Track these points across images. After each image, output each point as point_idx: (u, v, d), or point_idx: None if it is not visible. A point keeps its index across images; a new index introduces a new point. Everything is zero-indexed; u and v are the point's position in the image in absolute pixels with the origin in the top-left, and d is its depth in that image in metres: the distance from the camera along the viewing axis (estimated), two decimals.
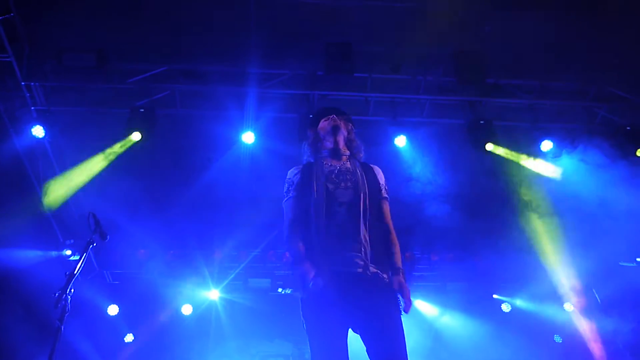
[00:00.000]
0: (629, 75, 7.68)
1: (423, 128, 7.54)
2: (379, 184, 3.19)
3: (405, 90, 7.50)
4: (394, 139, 7.39)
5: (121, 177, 8.05)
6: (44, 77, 6.89)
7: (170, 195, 8.30)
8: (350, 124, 3.37)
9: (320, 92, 7.32)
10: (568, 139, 7.78)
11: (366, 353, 2.78)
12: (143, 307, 9.70)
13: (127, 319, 9.78)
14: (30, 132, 6.88)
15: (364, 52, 6.98)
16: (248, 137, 7.26)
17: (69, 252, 8.29)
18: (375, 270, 2.90)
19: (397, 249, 3.08)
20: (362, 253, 2.89)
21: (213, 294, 10.19)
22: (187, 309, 10.11)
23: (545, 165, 7.96)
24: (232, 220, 9.26)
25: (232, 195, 8.49)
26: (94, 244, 3.36)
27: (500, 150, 7.67)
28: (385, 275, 2.94)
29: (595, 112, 7.91)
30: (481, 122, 7.48)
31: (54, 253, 8.22)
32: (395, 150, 7.54)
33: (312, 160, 3.27)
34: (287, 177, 3.23)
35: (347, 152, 3.26)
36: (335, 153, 3.21)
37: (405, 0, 6.63)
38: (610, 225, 7.87)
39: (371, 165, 3.29)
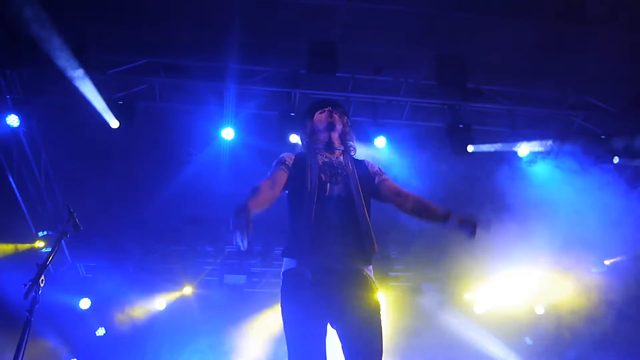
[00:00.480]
0: (605, 85, 7.84)
1: (403, 130, 7.60)
2: (371, 175, 3.21)
3: (387, 91, 7.54)
4: (373, 140, 7.43)
5: (98, 169, 7.96)
6: (20, 65, 6.75)
7: (147, 189, 8.22)
8: (346, 117, 3.39)
9: (302, 91, 7.32)
10: (544, 146, 7.91)
11: (341, 350, 2.77)
12: (116, 301, 9.59)
13: (100, 313, 9.66)
14: (5, 121, 6.73)
15: (347, 52, 6.99)
16: (228, 133, 7.22)
17: (41, 244, 8.14)
18: (358, 266, 2.90)
19: (424, 200, 3.07)
20: (349, 248, 2.89)
21: (187, 290, 10.13)
22: (160, 304, 10.03)
23: (521, 170, 8.10)
24: (209, 216, 9.22)
25: (210, 190, 8.44)
26: (67, 235, 3.31)
27: (481, 148, 7.78)
28: (367, 272, 2.92)
29: (572, 120, 8.06)
30: (460, 125, 7.56)
31: (27, 245, 8.07)
32: (375, 151, 7.58)
33: (305, 151, 3.30)
34: (280, 155, 3.22)
35: (341, 147, 3.28)
36: (330, 146, 3.24)
37: (390, 2, 6.67)
38: (581, 232, 8.10)
39: (362, 160, 3.31)
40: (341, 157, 3.22)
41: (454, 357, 10.82)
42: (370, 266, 2.96)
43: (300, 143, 3.50)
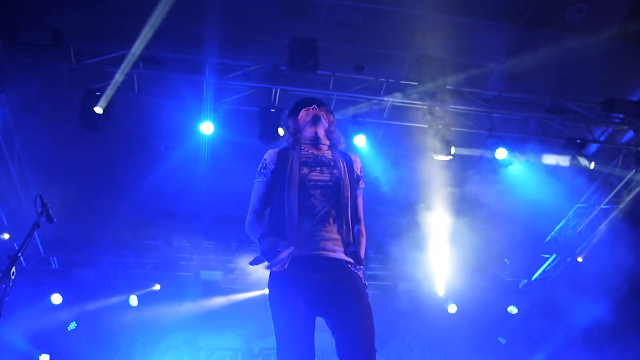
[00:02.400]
0: (582, 90, 8.00)
1: (382, 129, 7.64)
2: (357, 173, 3.18)
3: (368, 90, 7.57)
4: (353, 138, 7.44)
5: (73, 160, 7.84)
6: None
7: (124, 182, 8.12)
8: (332, 116, 3.31)
9: (283, 87, 7.30)
10: (521, 148, 8.03)
11: (333, 338, 2.75)
12: (89, 295, 9.44)
13: (72, 307, 9.51)
14: None
15: (329, 50, 7.00)
16: (206, 128, 7.16)
17: (7, 236, 7.94)
18: (345, 257, 2.88)
19: (363, 240, 3.06)
20: (334, 239, 2.86)
21: (161, 286, 10.02)
22: (134, 299, 9.91)
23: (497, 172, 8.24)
24: (186, 211, 9.15)
25: (188, 185, 8.38)
26: (40, 227, 3.24)
27: (464, 151, 7.88)
28: (353, 261, 2.91)
29: (548, 123, 8.19)
30: (439, 126, 7.62)
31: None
32: (354, 150, 7.60)
33: (289, 146, 3.22)
34: (263, 157, 3.17)
35: (327, 142, 3.21)
36: (315, 142, 3.17)
37: (373, 1, 6.69)
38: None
39: (349, 154, 3.26)
40: (328, 152, 3.17)
41: (429, 356, 10.94)
42: (358, 256, 2.94)
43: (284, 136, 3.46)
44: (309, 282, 2.77)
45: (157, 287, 9.95)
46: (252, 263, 2.81)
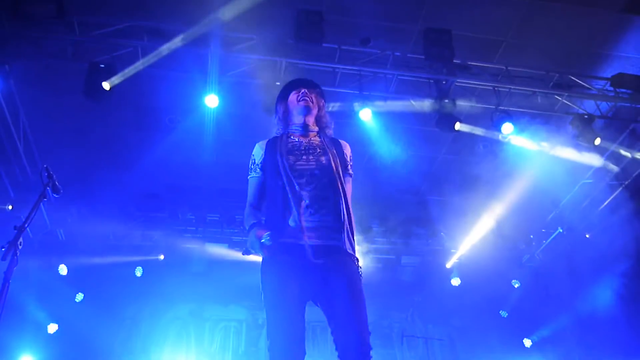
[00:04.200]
0: (590, 64, 7.90)
1: (388, 103, 7.59)
2: (346, 160, 3.15)
3: (373, 64, 7.50)
4: (358, 112, 7.40)
5: (78, 133, 7.85)
6: None
7: (129, 154, 8.14)
8: (322, 100, 3.28)
9: (288, 60, 7.23)
10: (528, 124, 7.98)
11: (330, 329, 2.77)
12: (95, 266, 9.56)
13: (79, 279, 9.64)
14: None
15: (335, 22, 6.92)
16: (211, 101, 7.13)
17: (10, 207, 8.00)
18: (337, 243, 2.88)
19: (353, 226, 3.03)
20: (323, 227, 2.87)
21: (167, 257, 10.13)
22: (139, 271, 10.03)
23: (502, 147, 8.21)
24: (191, 184, 9.18)
25: (193, 158, 8.39)
26: (46, 198, 3.27)
27: (468, 128, 7.84)
28: (347, 247, 2.90)
29: (556, 98, 8.11)
30: (446, 101, 7.56)
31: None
32: (359, 123, 7.57)
33: (278, 135, 3.21)
34: (252, 153, 3.20)
35: (316, 129, 3.20)
36: (304, 129, 3.15)
37: None
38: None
39: (339, 140, 3.23)
40: (316, 137, 3.15)
41: (429, 329, 11.07)
42: (349, 241, 2.93)
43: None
44: (298, 269, 2.78)
45: (161, 257, 10.07)
46: (243, 253, 2.95)
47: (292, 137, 3.13)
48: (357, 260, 2.94)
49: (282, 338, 2.64)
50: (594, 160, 8.83)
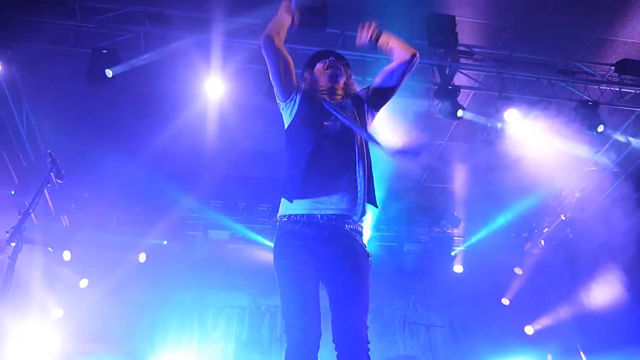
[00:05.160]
0: (594, 51, 7.84)
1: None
2: (363, 98, 3.12)
3: (377, 49, 7.42)
4: None
5: (82, 120, 7.84)
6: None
7: (131, 141, 8.12)
8: (349, 69, 3.22)
9: (291, 46, 7.18)
10: (531, 110, 7.94)
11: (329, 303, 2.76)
12: (99, 253, 9.59)
13: (83, 265, 9.68)
14: None
15: (338, 7, 6.86)
16: (214, 87, 7.11)
17: (13, 192, 7.99)
18: (350, 220, 2.81)
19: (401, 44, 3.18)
20: (349, 196, 2.79)
21: (170, 243, 10.17)
22: (142, 257, 10.07)
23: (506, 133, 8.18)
24: (194, 171, 9.17)
25: (196, 145, 8.38)
26: (49, 184, 3.27)
27: (470, 116, 7.80)
28: (362, 226, 2.87)
29: (560, 85, 8.06)
30: (449, 87, 7.53)
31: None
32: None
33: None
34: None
35: (342, 92, 3.14)
36: (332, 92, 3.09)
37: None
38: None
39: (358, 92, 3.20)
40: (342, 99, 3.08)
41: (430, 316, 11.12)
42: (363, 218, 2.86)
43: None
44: (312, 247, 2.74)
45: (164, 242, 10.11)
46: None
47: (318, 97, 3.05)
48: (369, 254, 2.87)
49: (298, 319, 2.60)
50: (597, 147, 8.80)
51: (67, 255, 9.49)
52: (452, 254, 10.80)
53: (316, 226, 2.76)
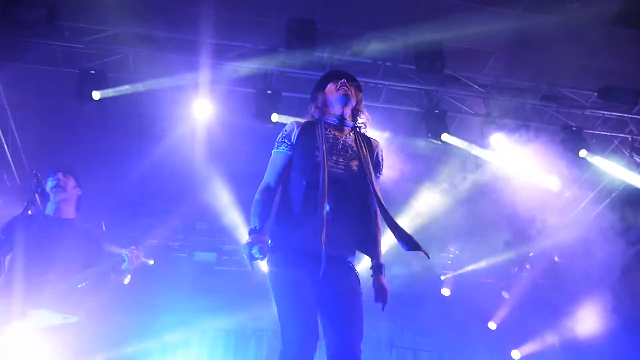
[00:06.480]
0: (578, 77, 7.99)
1: (379, 113, 7.61)
2: (379, 161, 3.07)
3: (365, 73, 7.52)
4: None
5: (68, 140, 7.78)
6: None
7: (118, 161, 8.07)
8: (360, 94, 3.16)
9: (280, 69, 7.25)
10: (516, 135, 8.04)
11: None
12: None
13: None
14: None
15: (327, 32, 6.94)
16: (203, 109, 7.12)
17: None
18: (352, 260, 2.86)
19: (380, 237, 2.94)
20: (347, 236, 2.82)
21: (155, 264, 10.01)
22: (127, 279, 9.90)
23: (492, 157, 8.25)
24: (182, 191, 9.11)
25: (183, 166, 8.34)
26: (34, 204, 3.23)
27: (454, 140, 7.88)
28: (352, 260, 2.88)
29: (545, 110, 8.19)
30: (436, 111, 7.62)
31: None
32: None
33: (313, 121, 3.06)
34: (284, 128, 3.02)
35: (351, 123, 3.07)
36: (340, 122, 3.02)
37: None
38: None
39: (371, 140, 3.13)
40: (350, 135, 3.01)
41: (417, 340, 11.05)
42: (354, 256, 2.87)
43: (280, 121, 3.40)
44: (310, 280, 2.70)
45: (150, 262, 9.94)
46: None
47: (328, 130, 2.97)
48: (360, 281, 2.92)
49: (294, 325, 2.57)
50: (580, 172, 8.89)
51: None
52: (442, 278, 10.77)
53: (312, 261, 2.74)
